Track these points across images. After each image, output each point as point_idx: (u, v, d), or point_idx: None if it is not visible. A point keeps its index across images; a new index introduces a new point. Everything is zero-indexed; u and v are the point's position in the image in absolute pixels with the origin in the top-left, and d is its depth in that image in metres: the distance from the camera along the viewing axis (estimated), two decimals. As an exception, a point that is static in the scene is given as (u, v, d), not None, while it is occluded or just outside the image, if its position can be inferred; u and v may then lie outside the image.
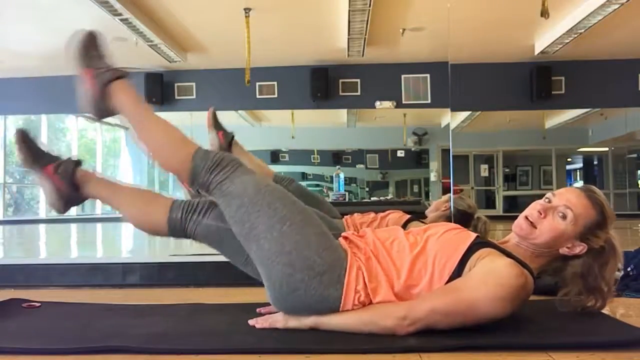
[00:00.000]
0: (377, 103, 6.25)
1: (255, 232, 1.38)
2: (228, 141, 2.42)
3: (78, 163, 1.58)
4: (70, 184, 1.55)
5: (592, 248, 1.42)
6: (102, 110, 1.58)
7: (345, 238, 1.46)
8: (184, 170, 1.48)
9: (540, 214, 1.42)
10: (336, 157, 7.84)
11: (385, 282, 1.35)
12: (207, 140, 2.48)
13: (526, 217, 1.43)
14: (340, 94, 6.29)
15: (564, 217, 1.40)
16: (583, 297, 1.42)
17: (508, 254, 1.35)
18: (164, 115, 1.59)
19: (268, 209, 1.38)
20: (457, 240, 1.38)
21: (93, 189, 1.58)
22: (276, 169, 7.84)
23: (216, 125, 2.44)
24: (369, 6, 4.41)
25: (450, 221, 2.56)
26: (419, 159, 7.58)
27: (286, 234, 1.36)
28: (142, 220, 1.57)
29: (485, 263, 1.31)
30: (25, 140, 1.58)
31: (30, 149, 1.58)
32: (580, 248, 1.41)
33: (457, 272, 1.32)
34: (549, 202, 1.44)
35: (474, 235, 1.40)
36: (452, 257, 1.34)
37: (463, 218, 2.60)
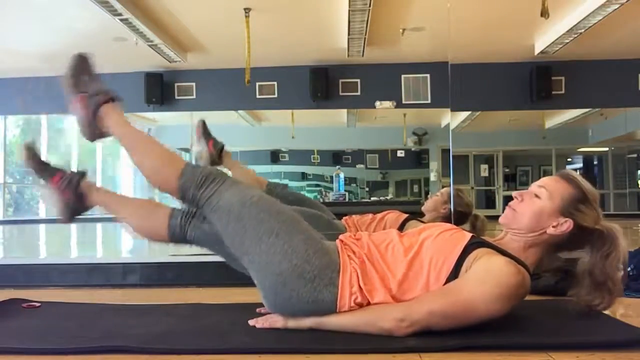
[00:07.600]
0: (377, 103, 6.24)
1: (244, 246, 1.41)
2: (218, 150, 2.43)
3: (83, 174, 1.66)
4: (76, 194, 1.63)
5: (582, 225, 1.40)
6: (95, 133, 1.66)
7: (341, 241, 1.46)
8: (173, 188, 1.53)
9: (518, 198, 1.46)
10: (336, 157, 7.83)
11: (380, 285, 1.35)
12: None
13: (508, 206, 1.47)
14: (340, 94, 6.28)
15: (539, 196, 1.43)
16: (591, 296, 1.40)
17: (504, 252, 1.35)
18: (165, 115, 1.62)
19: (254, 222, 1.41)
20: (453, 241, 1.38)
21: (97, 198, 1.66)
22: (276, 169, 7.84)
23: (206, 134, 2.45)
24: (369, 6, 4.40)
25: (450, 221, 2.56)
26: (419, 159, 7.57)
27: (274, 246, 1.37)
28: (144, 226, 1.62)
29: (482, 263, 1.31)
30: (33, 155, 1.68)
31: (37, 163, 1.67)
32: (567, 224, 1.40)
33: (454, 274, 1.33)
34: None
35: (469, 235, 1.40)
36: (448, 259, 1.35)
37: (460, 216, 2.60)
